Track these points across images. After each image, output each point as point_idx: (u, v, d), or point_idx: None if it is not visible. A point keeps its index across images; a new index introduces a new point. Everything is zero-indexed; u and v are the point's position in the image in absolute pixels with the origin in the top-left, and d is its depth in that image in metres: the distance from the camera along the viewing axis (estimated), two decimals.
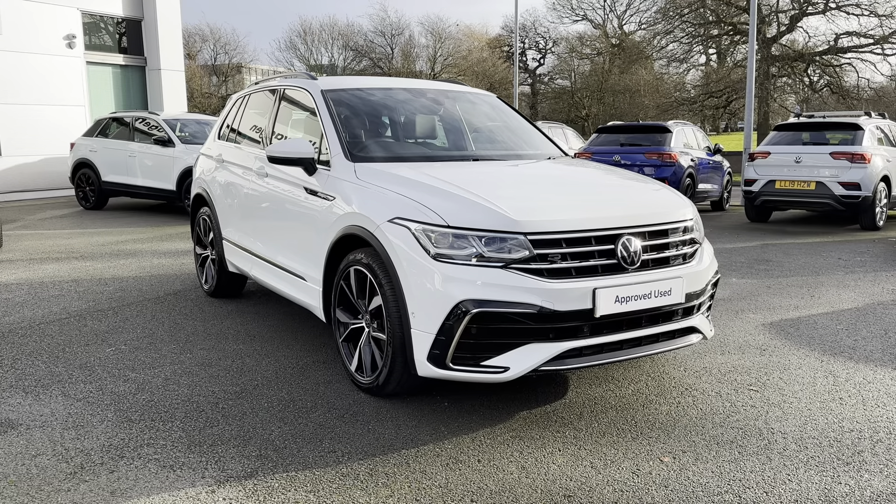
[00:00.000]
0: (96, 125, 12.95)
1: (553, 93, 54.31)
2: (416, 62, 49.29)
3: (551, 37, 55.14)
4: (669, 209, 3.77)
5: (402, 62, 48.65)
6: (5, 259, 7.83)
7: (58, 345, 4.63)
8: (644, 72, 46.74)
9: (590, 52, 51.34)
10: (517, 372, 3.22)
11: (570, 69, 52.86)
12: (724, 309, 5.62)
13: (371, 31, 50.44)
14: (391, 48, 49.38)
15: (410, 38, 49.56)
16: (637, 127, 13.16)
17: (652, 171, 11.88)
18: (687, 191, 12.09)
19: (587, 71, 50.77)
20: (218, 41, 55.45)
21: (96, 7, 16.00)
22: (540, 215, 3.34)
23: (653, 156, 11.95)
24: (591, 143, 12.99)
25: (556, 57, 54.91)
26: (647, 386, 3.90)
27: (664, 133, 12.34)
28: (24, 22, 14.32)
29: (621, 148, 12.35)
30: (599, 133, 13.20)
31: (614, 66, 48.03)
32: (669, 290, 3.48)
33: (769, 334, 4.91)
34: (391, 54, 49.19)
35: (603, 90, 47.74)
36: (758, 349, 4.57)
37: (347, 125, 4.37)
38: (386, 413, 3.49)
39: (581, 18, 52.08)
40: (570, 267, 3.30)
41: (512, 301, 3.18)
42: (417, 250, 3.31)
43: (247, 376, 4.03)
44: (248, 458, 3.02)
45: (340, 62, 54.05)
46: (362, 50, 50.72)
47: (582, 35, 52.19)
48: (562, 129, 14.76)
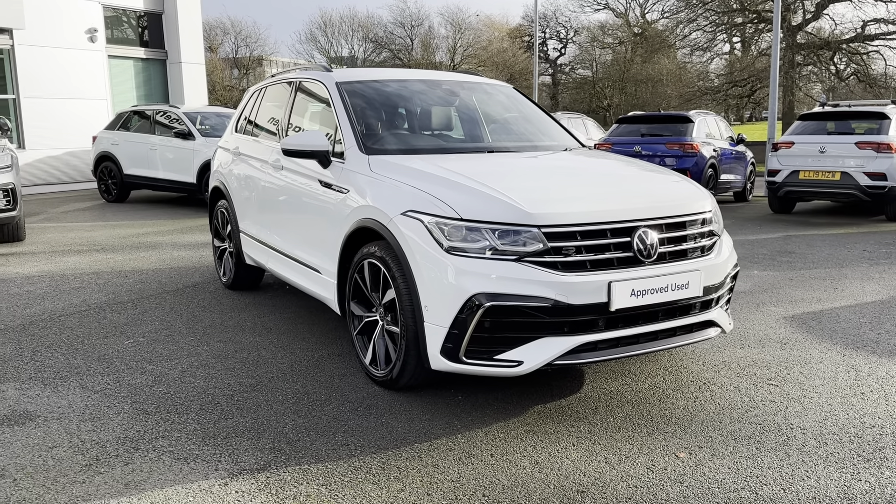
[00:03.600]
0: (118, 118, 13.05)
1: (574, 83, 53.95)
2: (435, 53, 49.18)
3: (572, 26, 54.74)
4: (687, 201, 3.71)
5: (421, 53, 48.57)
6: (28, 251, 7.93)
7: (77, 337, 4.68)
8: (667, 61, 46.22)
9: (612, 42, 50.90)
10: (531, 366, 3.19)
11: (591, 59, 52.46)
12: (745, 302, 5.55)
13: (391, 22, 50.47)
14: (411, 39, 49.30)
15: (430, 29, 49.50)
16: (658, 117, 13.01)
17: (673, 162, 11.76)
18: (709, 181, 11.95)
19: (609, 61, 50.33)
20: (239, 34, 55.74)
21: (118, 1, 16.11)
22: (554, 207, 3.30)
23: (674, 146, 11.81)
24: (611, 134, 12.88)
25: (577, 47, 54.52)
26: (664, 380, 3.85)
27: (686, 123, 12.19)
28: (46, 16, 14.45)
29: (642, 138, 12.22)
30: (620, 123, 13.08)
31: (636, 56, 47.58)
32: (687, 284, 3.43)
33: (790, 327, 4.84)
34: (411, 45, 49.11)
35: (625, 80, 47.34)
36: (778, 343, 4.50)
37: (362, 117, 4.35)
38: (400, 406, 3.48)
39: (603, 7, 51.63)
40: (584, 260, 3.26)
41: (525, 294, 3.15)
42: (430, 243, 3.29)
43: (262, 368, 4.04)
44: (262, 450, 3.03)
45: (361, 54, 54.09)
46: (382, 41, 50.67)
47: (604, 24, 51.72)
48: (581, 120, 14.64)
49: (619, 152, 12.15)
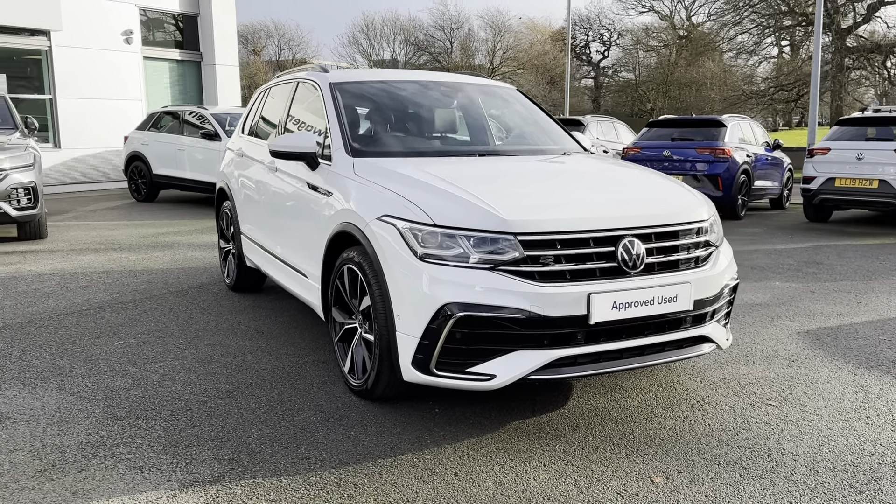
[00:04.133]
0: (148, 119, 13.22)
1: (617, 86, 53.37)
2: (474, 56, 49.09)
3: (616, 29, 54.14)
4: (682, 209, 3.52)
5: (460, 56, 48.52)
6: (47, 249, 8.03)
7: (70, 337, 4.66)
8: (711, 64, 45.35)
9: (656, 45, 50.18)
10: (504, 380, 3.04)
11: (634, 62, 51.81)
12: (759, 315, 5.30)
13: (431, 25, 50.43)
14: (450, 42, 49.28)
15: (470, 31, 49.43)
16: (690, 121, 12.68)
17: (704, 167, 11.45)
18: (742, 188, 11.60)
19: (653, 63, 49.61)
20: (282, 37, 56.48)
21: (154, 3, 16.36)
22: (533, 214, 3.15)
23: (705, 151, 11.48)
24: (640, 138, 12.59)
25: (620, 49, 53.91)
26: (655, 397, 3.66)
27: (718, 127, 11.85)
28: (83, 18, 14.74)
29: (672, 143, 11.91)
30: (650, 127, 12.78)
31: (681, 59, 46.80)
32: (675, 297, 3.24)
33: (802, 343, 4.58)
34: (450, 48, 49.08)
35: (668, 83, 46.59)
36: (786, 360, 4.26)
37: (353, 119, 4.25)
38: (372, 418, 3.36)
39: (647, 10, 51.04)
40: (564, 270, 3.10)
41: (499, 305, 3.00)
42: (404, 249, 3.17)
43: (243, 374, 3.96)
44: (220, 461, 2.93)
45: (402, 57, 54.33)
46: (422, 45, 50.77)
47: (648, 27, 51.01)
48: (612, 124, 14.35)
49: (648, 157, 11.90)
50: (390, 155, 4.02)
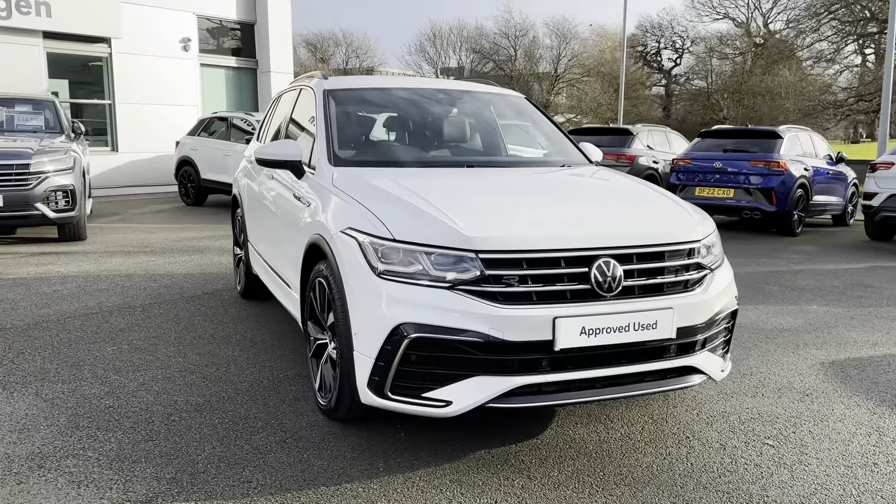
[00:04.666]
0: (199, 124, 13.49)
1: (688, 94, 52.05)
2: (539, 63, 48.68)
3: (689, 36, 52.87)
4: (672, 228, 3.25)
5: (524, 64, 48.20)
6: (81, 251, 8.20)
7: (68, 341, 4.68)
8: (787, 72, 43.72)
9: (730, 52, 48.76)
10: (461, 407, 2.84)
11: (707, 70, 50.45)
12: (783, 342, 4.92)
13: (495, 32, 50.29)
14: (514, 50, 48.99)
15: (535, 39, 49.03)
16: (744, 132, 12.13)
17: (758, 181, 10.91)
18: (798, 203, 11.02)
19: (726, 71, 48.19)
20: (350, 45, 57.37)
21: (212, 11, 16.73)
22: (497, 231, 2.95)
23: (759, 163, 10.95)
24: (691, 149, 12.12)
25: (693, 57, 52.57)
26: (641, 430, 3.39)
27: (774, 139, 11.29)
28: (142, 26, 15.18)
29: (724, 154, 11.41)
30: (702, 137, 12.29)
31: (756, 67, 45.31)
32: (654, 323, 2.97)
33: (823, 375, 4.22)
34: (514, 56, 48.81)
35: (742, 92, 45.17)
36: (800, 393, 3.91)
37: (344, 127, 4.13)
38: (331, 441, 3.20)
39: (722, 17, 49.73)
40: (530, 291, 2.88)
41: (455, 327, 2.81)
42: (363, 264, 3.01)
43: (220, 386, 3.88)
44: (161, 480, 2.83)
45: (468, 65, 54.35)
46: (486, 53, 50.66)
47: (722, 34, 49.59)
48: (664, 133, 13.88)
49: (698, 168, 11.43)
50: (372, 164, 3.88)
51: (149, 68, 15.43)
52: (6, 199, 7.82)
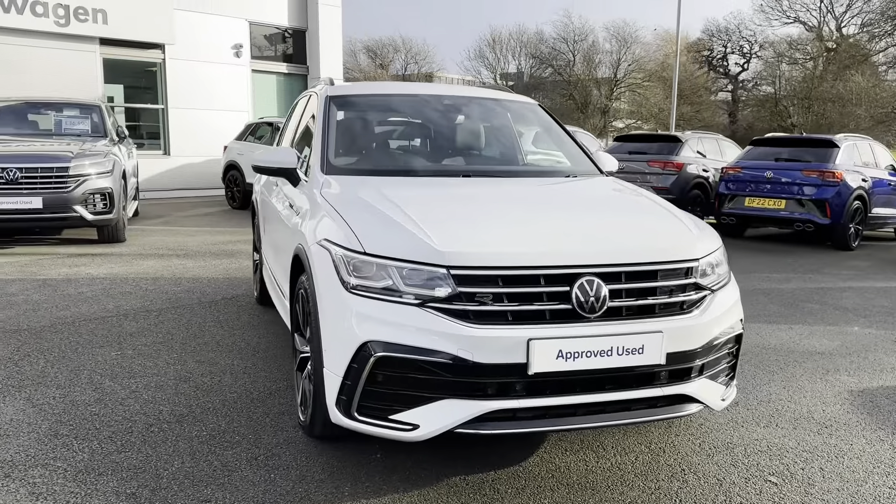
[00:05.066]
0: (246, 129, 13.67)
1: (755, 100, 50.51)
2: (598, 68, 47.97)
3: (757, 40, 51.35)
4: (668, 246, 3.04)
5: (582, 68, 47.57)
6: (115, 253, 8.35)
7: (76, 344, 4.71)
8: (861, 78, 41.98)
9: (800, 57, 47.15)
10: (428, 432, 2.69)
11: (775, 75, 48.90)
12: (812, 366, 4.60)
13: (554, 37, 49.78)
14: (573, 55, 48.41)
15: (594, 43, 48.30)
16: (799, 140, 11.60)
17: (812, 192, 10.40)
18: (855, 215, 10.46)
19: (796, 77, 46.58)
20: (409, 51, 57.71)
21: (264, 18, 16.98)
22: (471, 246, 2.78)
23: (812, 173, 10.43)
24: (742, 157, 11.65)
25: (761, 62, 51.02)
26: (636, 459, 3.17)
27: (829, 148, 10.75)
28: (195, 33, 15.50)
29: (775, 163, 10.92)
30: (754, 145, 11.80)
31: (827, 73, 43.69)
32: (641, 348, 2.77)
33: (849, 405, 3.90)
34: (573, 61, 48.23)
35: (811, 98, 43.60)
36: (819, 424, 3.62)
37: (342, 134, 4.03)
38: (302, 461, 3.09)
39: (792, 21, 48.17)
40: (505, 310, 2.71)
41: (422, 347, 2.66)
42: (334, 277, 2.89)
43: (209, 397, 3.81)
44: (120, 495, 2.76)
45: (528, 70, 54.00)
46: (544, 58, 50.21)
47: (792, 38, 47.95)
48: (716, 141, 13.37)
49: (749, 177, 10.96)
50: (366, 173, 3.76)
51: (201, 74, 15.74)
52: (45, 201, 8.01)
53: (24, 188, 7.96)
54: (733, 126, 48.84)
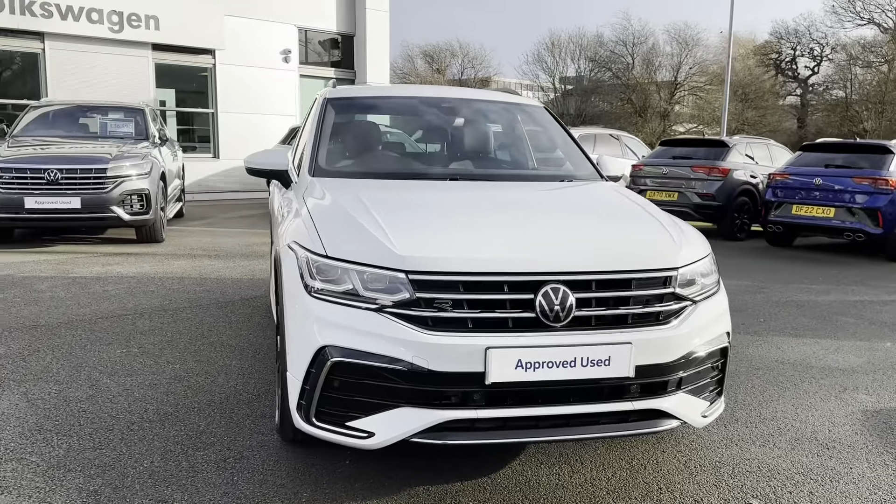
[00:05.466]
0: (289, 133, 13.87)
1: (825, 105, 48.77)
2: (657, 71, 47.06)
3: (828, 43, 49.58)
4: (646, 254, 2.91)
5: (641, 71, 46.74)
6: (151, 253, 8.55)
7: (86, 341, 4.82)
8: None
9: (874, 60, 45.32)
10: (383, 440, 2.63)
11: (847, 79, 47.13)
12: (830, 383, 4.36)
13: (612, 40, 49.07)
14: (632, 58, 47.61)
15: (654, 46, 47.39)
16: (851, 146, 11.09)
17: (863, 200, 9.92)
18: None
19: (869, 81, 44.78)
20: (466, 56, 57.73)
21: (312, 24, 17.22)
22: (432, 251, 2.71)
23: (864, 180, 9.95)
24: (791, 163, 11.20)
25: (832, 65, 49.24)
26: (612, 476, 3.04)
27: (884, 154, 10.23)
28: (244, 38, 15.81)
29: (825, 170, 10.45)
30: (804, 151, 11.34)
31: None
32: (607, 359, 2.65)
33: (859, 426, 3.67)
34: (632, 64, 47.44)
35: (885, 103, 41.86)
36: (821, 445, 3.41)
37: (335, 137, 4.02)
38: (269, 465, 3.07)
39: (867, 22, 46.37)
40: (465, 317, 2.63)
41: (378, 353, 2.60)
42: (297, 280, 2.86)
43: (197, 397, 3.84)
44: (82, 492, 2.79)
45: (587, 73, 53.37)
46: (602, 61, 49.53)
47: (866, 41, 46.11)
48: (766, 146, 12.90)
49: (797, 184, 10.54)
50: (351, 175, 3.74)
51: (250, 79, 16.04)
52: (83, 202, 8.27)
53: (64, 188, 8.22)
54: (801, 131, 47.26)
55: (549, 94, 56.98)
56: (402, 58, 57.89)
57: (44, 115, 10.02)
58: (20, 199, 8.10)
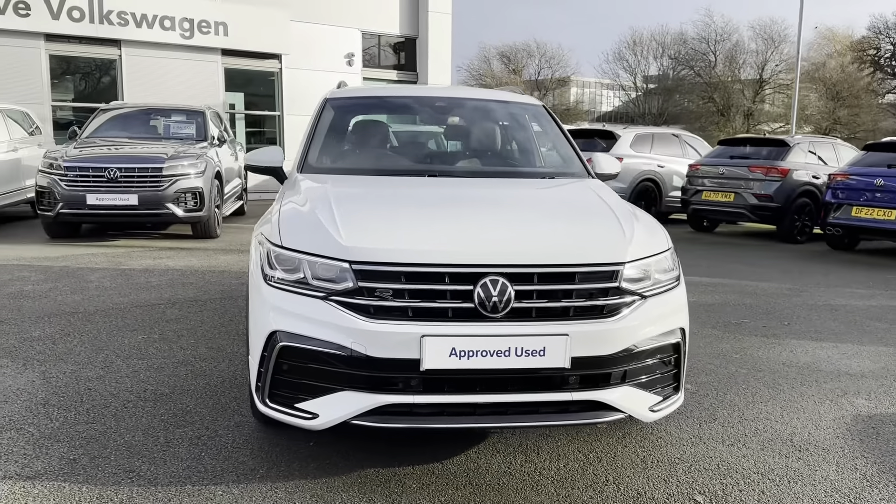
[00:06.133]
0: None
1: None
2: (741, 69, 45.54)
3: None
4: (593, 248, 2.95)
5: (724, 69, 45.33)
6: (202, 248, 8.98)
7: (114, 328, 5.16)
8: None
9: None
10: (326, 421, 2.78)
11: None
12: (831, 387, 4.23)
13: (693, 38, 47.78)
14: (714, 55, 46.25)
15: (737, 43, 45.88)
16: None
17: None
18: None
19: None
20: (543, 55, 57.34)
21: (376, 28, 17.60)
22: (375, 242, 2.84)
23: None
24: (853, 163, 10.72)
25: None
26: (564, 466, 3.08)
27: None
28: (309, 43, 16.32)
29: (888, 170, 9.97)
30: (869, 150, 10.84)
31: None
32: (542, 350, 2.71)
33: (844, 430, 3.57)
34: (714, 62, 46.09)
35: None
36: (795, 447, 3.34)
37: (328, 135, 4.20)
38: (238, 443, 3.26)
39: None
40: (406, 306, 2.74)
41: (320, 339, 2.75)
42: (258, 269, 3.05)
43: (196, 380, 4.08)
44: (62, 459, 3.04)
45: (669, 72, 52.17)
46: (682, 59, 48.32)
47: None
48: (832, 145, 12.38)
49: (858, 185, 10.10)
50: (335, 172, 3.90)
51: (314, 82, 16.48)
52: (141, 199, 8.78)
53: (123, 186, 8.75)
54: None
55: (631, 93, 56.03)
56: (479, 59, 58.08)
57: (112, 118, 10.67)
58: (83, 196, 8.68)
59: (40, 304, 5.81)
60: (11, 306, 5.70)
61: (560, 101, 56.58)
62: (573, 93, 62.12)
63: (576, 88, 62.82)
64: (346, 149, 4.25)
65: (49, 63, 13.72)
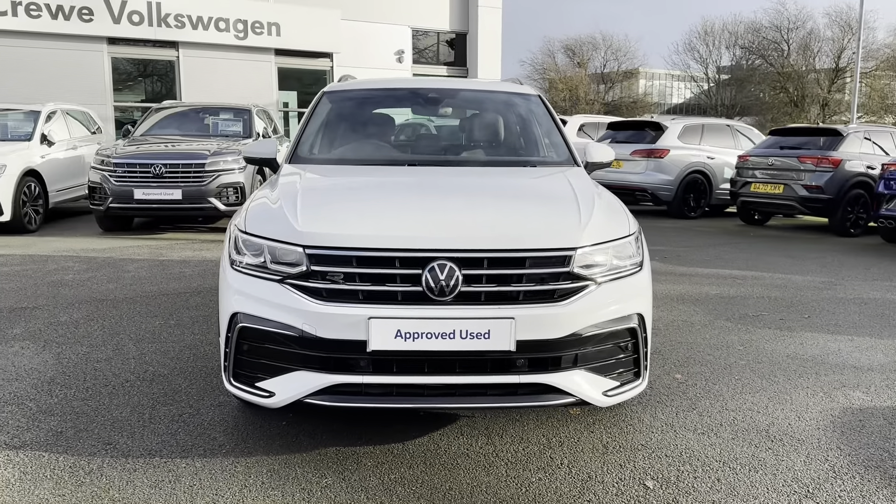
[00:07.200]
0: None
1: None
2: (815, 58, 43.78)
3: None
4: (545, 233, 2.97)
5: (796, 58, 43.67)
6: None
7: (137, 314, 5.43)
8: None
9: None
10: (281, 399, 2.90)
11: None
12: (828, 381, 4.11)
13: (765, 26, 46.19)
14: (787, 44, 44.62)
15: (812, 31, 44.12)
16: None
17: None
18: None
19: None
20: (609, 48, 56.44)
21: (426, 24, 17.75)
22: (327, 227, 2.94)
23: None
24: None
25: None
26: (521, 449, 3.12)
27: None
28: (360, 41, 16.59)
29: None
30: None
31: None
32: (486, 333, 2.75)
33: (828, 423, 3.47)
34: (787, 51, 44.47)
35: None
36: (768, 438, 3.28)
37: (320, 127, 4.32)
38: (215, 420, 3.42)
39: None
40: (356, 290, 2.83)
41: (275, 320, 2.87)
42: (226, 253, 3.19)
43: (197, 362, 4.27)
44: (49, 432, 3.26)
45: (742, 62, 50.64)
46: (753, 48, 46.79)
47: None
48: (890, 135, 11.81)
49: None
50: (321, 162, 4.02)
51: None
52: (184, 193, 9.15)
53: (168, 181, 9.14)
54: None
55: (702, 84, 54.61)
56: (543, 53, 57.73)
57: (164, 117, 11.13)
58: (130, 191, 9.11)
59: (75, 291, 6.15)
60: (49, 293, 6.05)
61: (627, 93, 55.64)
62: (641, 85, 61.00)
63: (644, 80, 61.65)
64: (335, 140, 4.37)
65: (111, 65, 14.39)
